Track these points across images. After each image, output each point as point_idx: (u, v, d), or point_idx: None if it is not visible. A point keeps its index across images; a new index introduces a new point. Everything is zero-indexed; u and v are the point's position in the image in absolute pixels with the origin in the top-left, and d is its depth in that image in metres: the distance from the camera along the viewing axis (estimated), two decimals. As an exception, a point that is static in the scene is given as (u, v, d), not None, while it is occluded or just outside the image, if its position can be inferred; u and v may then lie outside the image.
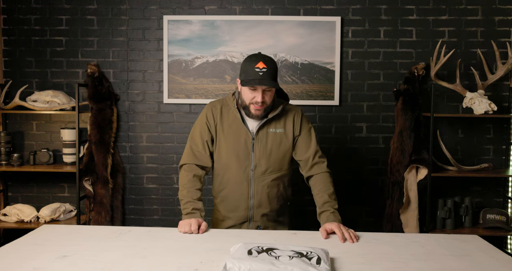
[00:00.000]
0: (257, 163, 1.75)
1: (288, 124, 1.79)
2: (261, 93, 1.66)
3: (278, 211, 1.83)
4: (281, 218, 1.86)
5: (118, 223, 2.93)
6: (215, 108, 1.81)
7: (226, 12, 2.91)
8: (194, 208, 1.66)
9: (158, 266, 1.24)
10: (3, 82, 2.97)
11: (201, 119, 1.82)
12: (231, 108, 1.80)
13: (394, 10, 2.89)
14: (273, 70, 1.68)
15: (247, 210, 1.78)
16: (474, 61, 2.88)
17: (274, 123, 1.78)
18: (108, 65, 2.97)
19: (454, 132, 2.95)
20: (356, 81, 2.93)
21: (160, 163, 3.00)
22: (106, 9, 2.94)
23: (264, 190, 1.77)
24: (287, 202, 1.89)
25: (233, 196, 1.79)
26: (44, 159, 2.89)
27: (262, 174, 1.76)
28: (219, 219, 1.86)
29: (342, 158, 2.95)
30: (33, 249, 1.37)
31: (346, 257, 1.33)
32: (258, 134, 1.76)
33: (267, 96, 1.69)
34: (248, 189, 1.77)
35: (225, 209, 1.83)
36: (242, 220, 1.80)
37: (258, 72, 1.64)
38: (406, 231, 2.73)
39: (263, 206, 1.78)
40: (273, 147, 1.76)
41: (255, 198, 1.77)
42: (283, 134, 1.78)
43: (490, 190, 2.96)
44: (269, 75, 1.65)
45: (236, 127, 1.77)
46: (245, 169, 1.76)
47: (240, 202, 1.78)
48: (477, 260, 1.32)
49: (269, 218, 1.81)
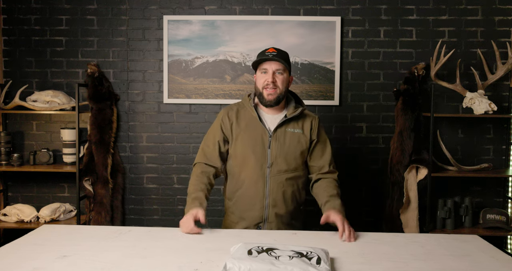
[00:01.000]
0: (273, 161, 1.77)
1: (306, 127, 1.84)
2: (271, 74, 1.74)
3: (292, 213, 1.82)
4: (294, 222, 1.85)
5: (118, 223, 2.93)
6: (231, 110, 1.86)
7: (226, 12, 2.91)
8: (194, 197, 1.70)
9: (158, 266, 1.24)
10: (3, 82, 2.97)
11: (216, 121, 1.88)
12: (248, 108, 1.84)
13: (394, 10, 2.89)
14: (284, 55, 1.79)
15: (262, 209, 1.78)
16: (474, 61, 2.88)
17: (292, 124, 1.82)
18: (108, 65, 2.97)
19: (454, 132, 2.95)
20: (356, 81, 2.93)
21: (160, 163, 3.00)
22: (106, 9, 2.94)
23: (279, 189, 1.77)
24: (300, 206, 1.88)
25: (249, 195, 1.80)
26: (44, 159, 2.89)
27: (278, 172, 1.77)
28: (233, 222, 1.86)
29: (342, 158, 2.94)
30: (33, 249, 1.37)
31: (346, 257, 1.33)
32: (276, 132, 1.79)
33: (278, 79, 1.75)
34: (264, 187, 1.77)
35: (240, 209, 1.83)
36: (257, 221, 1.79)
37: (268, 55, 1.75)
38: (406, 231, 2.73)
39: (278, 205, 1.78)
40: (291, 145, 1.79)
41: (270, 196, 1.77)
42: (301, 135, 1.82)
43: (490, 190, 2.96)
44: (279, 57, 1.74)
45: (253, 125, 1.80)
46: (261, 166, 1.77)
47: (255, 201, 1.78)
48: (477, 260, 1.32)
49: (283, 219, 1.80)
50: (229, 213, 1.89)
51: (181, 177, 2.99)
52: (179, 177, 2.99)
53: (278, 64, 1.75)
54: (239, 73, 2.92)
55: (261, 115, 1.83)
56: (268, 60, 1.75)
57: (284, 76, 1.77)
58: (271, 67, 1.74)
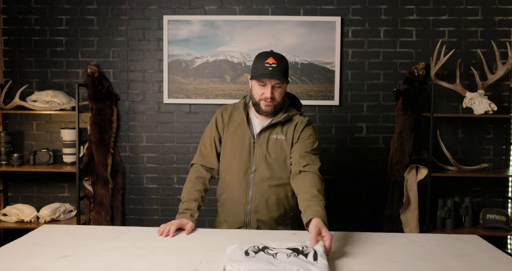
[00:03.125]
0: (257, 167, 1.73)
1: (290, 132, 1.75)
2: (270, 89, 1.66)
3: (277, 220, 1.77)
4: (282, 227, 1.79)
5: (118, 223, 2.93)
6: (225, 111, 1.83)
7: (226, 12, 2.91)
8: (186, 208, 1.66)
9: (158, 266, 1.24)
10: (3, 82, 2.97)
11: (212, 121, 1.86)
12: (241, 111, 1.80)
13: (394, 10, 2.89)
14: (284, 67, 1.69)
15: (244, 215, 1.76)
16: (474, 61, 2.88)
17: (277, 130, 1.75)
18: (108, 65, 2.97)
19: (454, 132, 2.95)
20: (356, 81, 2.93)
21: (160, 163, 3.00)
22: (106, 9, 2.94)
23: (262, 196, 1.73)
24: (291, 212, 1.81)
25: (232, 199, 1.78)
26: (44, 159, 2.89)
27: (261, 179, 1.73)
28: (220, 222, 1.87)
29: (342, 158, 2.94)
30: (33, 249, 1.37)
31: (346, 257, 1.33)
32: (260, 138, 1.74)
33: (276, 93, 1.69)
34: (246, 193, 1.74)
35: (224, 212, 1.83)
36: (238, 225, 1.78)
37: (267, 67, 1.65)
38: (406, 231, 2.73)
39: (260, 212, 1.74)
40: (272, 152, 1.73)
41: (252, 203, 1.73)
42: (284, 141, 1.74)
43: (490, 190, 2.96)
44: (279, 71, 1.65)
45: (241, 129, 1.77)
46: (245, 171, 1.74)
47: (238, 206, 1.76)
48: (477, 260, 1.32)
49: (266, 226, 1.76)
50: (219, 212, 1.90)
51: (181, 177, 2.99)
52: (179, 177, 2.99)
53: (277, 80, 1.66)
54: (239, 73, 2.92)
55: (251, 118, 1.79)
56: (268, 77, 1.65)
57: (282, 88, 1.70)
58: (270, 82, 1.66)
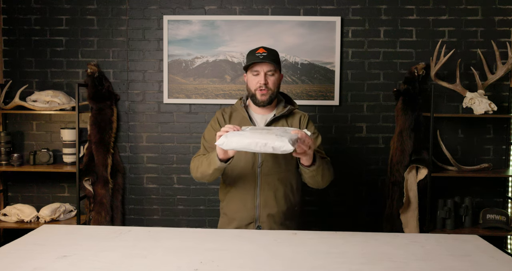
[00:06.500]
0: (263, 160, 1.77)
1: (295, 124, 1.84)
2: (263, 76, 1.77)
3: (285, 213, 1.81)
4: (288, 222, 1.83)
5: (118, 223, 2.93)
6: (225, 112, 1.91)
7: (226, 12, 2.91)
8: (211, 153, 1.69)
9: (158, 266, 1.24)
10: (3, 82, 2.97)
11: (213, 120, 1.91)
12: (239, 110, 1.87)
13: (394, 10, 2.89)
14: (274, 55, 1.81)
15: (253, 209, 1.78)
16: (474, 61, 2.88)
17: (281, 123, 1.83)
18: (108, 65, 2.97)
19: (454, 132, 2.95)
20: (356, 81, 2.93)
21: (160, 163, 3.00)
22: (106, 9, 2.94)
23: (270, 188, 1.77)
24: (295, 207, 1.86)
25: (240, 195, 1.80)
26: (44, 159, 2.89)
27: (268, 172, 1.77)
28: (225, 223, 1.86)
29: (342, 158, 2.94)
30: (33, 249, 1.37)
31: (346, 257, 1.33)
32: None
33: (270, 81, 1.78)
34: (254, 187, 1.77)
35: (231, 210, 1.83)
36: (247, 221, 1.79)
37: (258, 56, 1.77)
38: (406, 231, 2.73)
39: (269, 205, 1.77)
40: None
41: (261, 196, 1.77)
42: None
43: (490, 190, 2.96)
44: (269, 58, 1.76)
45: (244, 125, 1.81)
46: (252, 165, 1.77)
47: (246, 201, 1.78)
48: (477, 260, 1.32)
49: (276, 219, 1.79)
50: (222, 214, 1.90)
51: (181, 177, 2.99)
52: (179, 177, 2.99)
53: (269, 66, 1.77)
54: (239, 73, 2.92)
55: (252, 115, 1.86)
56: (260, 63, 1.76)
57: (276, 76, 1.80)
58: (262, 69, 1.77)
